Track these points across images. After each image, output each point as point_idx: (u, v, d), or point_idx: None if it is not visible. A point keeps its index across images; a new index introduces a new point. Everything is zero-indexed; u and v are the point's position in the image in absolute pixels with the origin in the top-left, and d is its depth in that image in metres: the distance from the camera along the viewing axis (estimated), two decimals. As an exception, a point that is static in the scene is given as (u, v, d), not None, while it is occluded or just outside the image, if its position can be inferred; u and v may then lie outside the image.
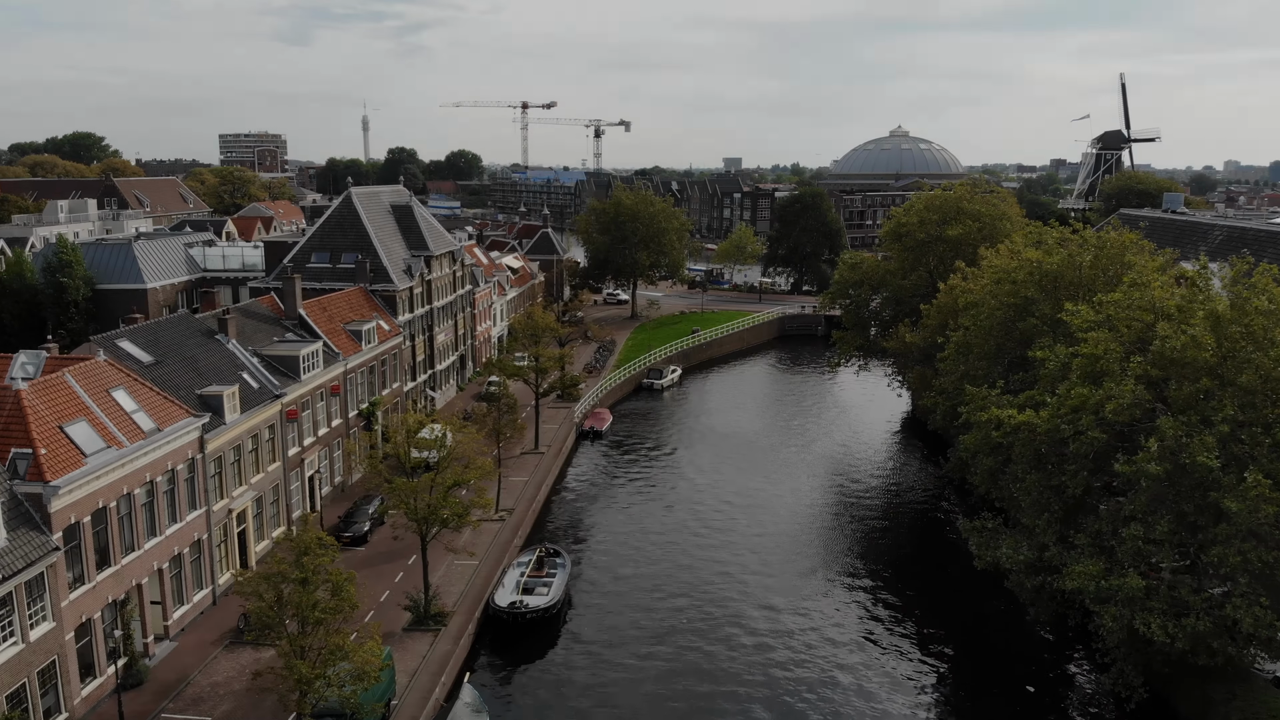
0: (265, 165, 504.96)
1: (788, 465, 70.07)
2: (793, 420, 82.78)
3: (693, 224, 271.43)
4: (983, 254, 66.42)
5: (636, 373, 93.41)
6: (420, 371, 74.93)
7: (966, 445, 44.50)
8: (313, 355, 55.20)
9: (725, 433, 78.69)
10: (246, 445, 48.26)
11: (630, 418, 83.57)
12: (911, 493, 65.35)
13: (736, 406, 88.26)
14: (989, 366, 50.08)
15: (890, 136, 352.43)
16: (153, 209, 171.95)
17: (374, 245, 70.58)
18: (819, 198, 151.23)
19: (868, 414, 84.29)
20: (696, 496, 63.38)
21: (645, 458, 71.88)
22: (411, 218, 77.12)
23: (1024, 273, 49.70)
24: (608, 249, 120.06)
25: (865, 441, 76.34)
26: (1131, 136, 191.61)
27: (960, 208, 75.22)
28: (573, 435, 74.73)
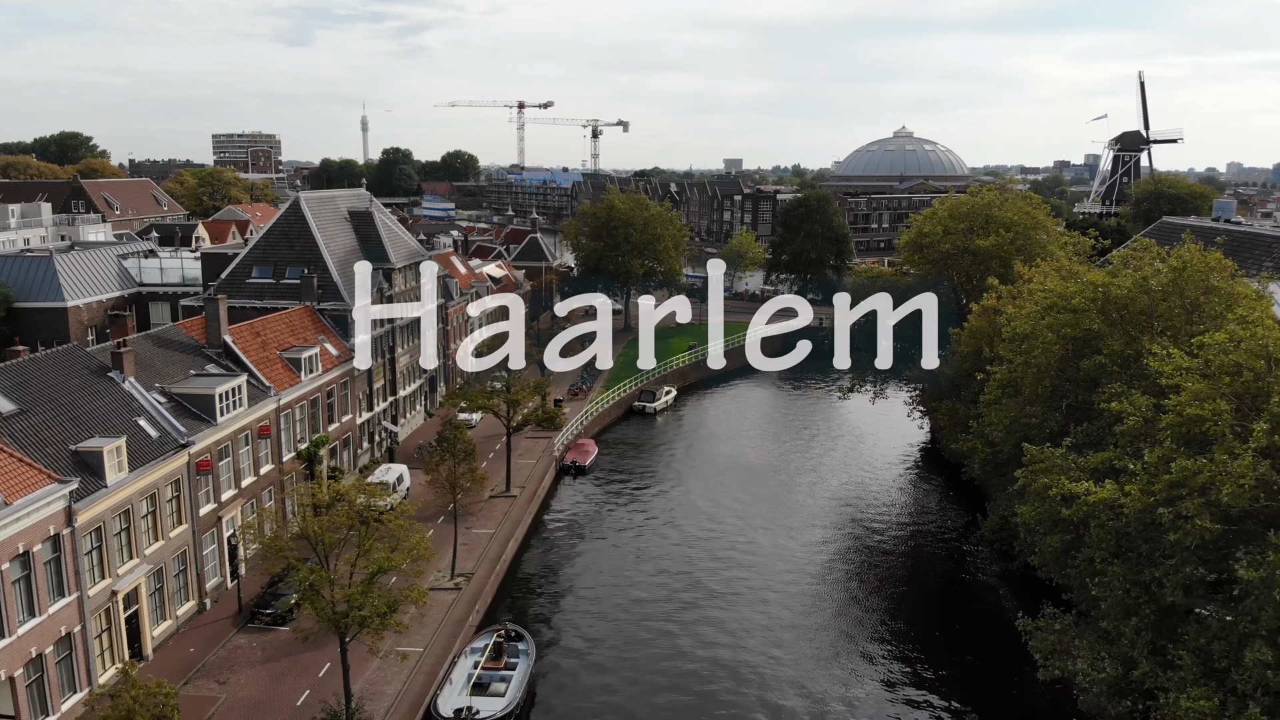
0: (259, 166, 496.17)
1: (796, 510, 61.30)
2: (800, 452, 74.03)
3: (691, 228, 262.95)
4: (1019, 270, 57.78)
5: (627, 395, 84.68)
6: (378, 400, 66.18)
7: (1025, 519, 35.72)
8: (233, 392, 46.48)
9: (725, 466, 69.97)
10: (139, 509, 39.53)
11: (619, 447, 74.83)
12: (940, 547, 56.59)
13: (737, 434, 79.54)
14: (1044, 413, 41.33)
15: (894, 137, 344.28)
16: (123, 212, 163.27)
17: (323, 257, 61.90)
18: (824, 201, 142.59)
19: (884, 445, 75.48)
20: (693, 550, 54.63)
21: (634, 499, 63.11)
22: (371, 225, 68.43)
23: (1084, 298, 40.92)
24: (599, 256, 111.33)
25: (883, 480, 67.53)
26: (1151, 137, 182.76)
27: (990, 215, 66.48)
28: (552, 471, 65.97)
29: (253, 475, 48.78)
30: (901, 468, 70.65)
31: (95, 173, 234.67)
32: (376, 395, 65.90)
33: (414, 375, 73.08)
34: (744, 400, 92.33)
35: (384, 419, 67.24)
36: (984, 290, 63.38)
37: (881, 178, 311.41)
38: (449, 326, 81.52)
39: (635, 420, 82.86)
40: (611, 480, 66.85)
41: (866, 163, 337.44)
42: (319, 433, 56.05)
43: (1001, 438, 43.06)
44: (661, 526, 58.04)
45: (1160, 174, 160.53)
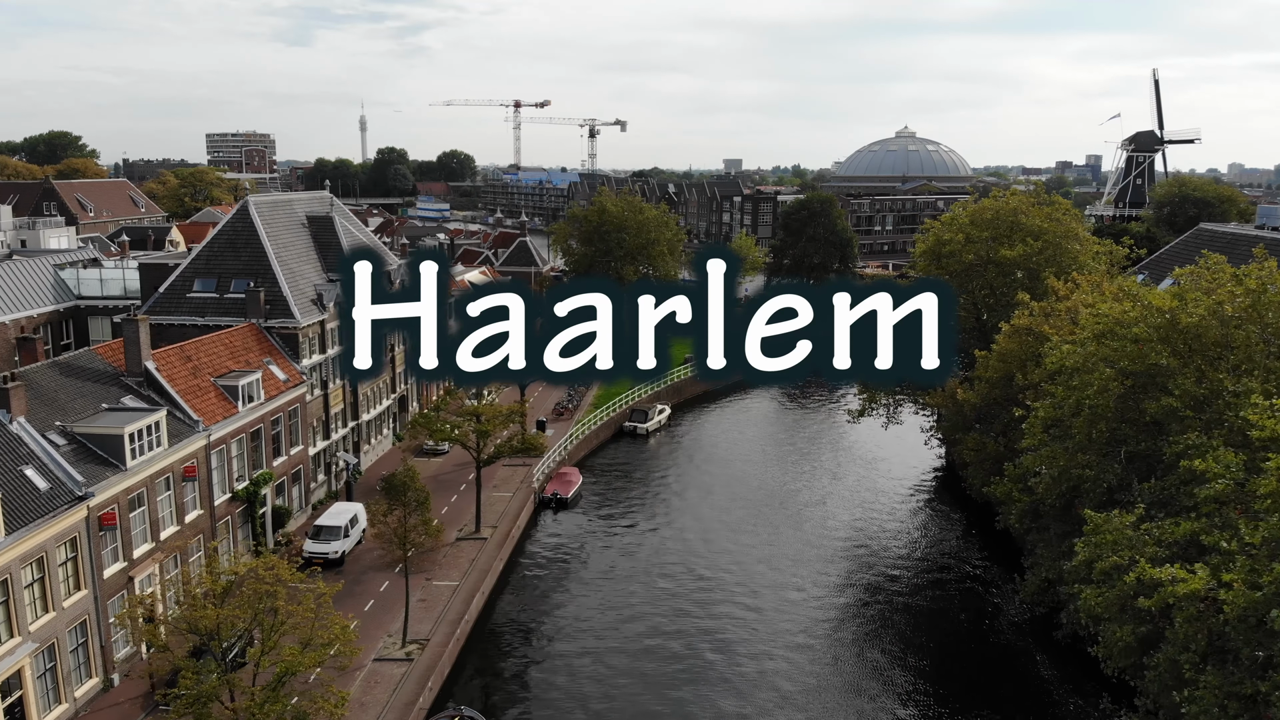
0: (253, 166, 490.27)
1: (803, 554, 54.71)
2: (806, 481, 67.42)
3: (688, 230, 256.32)
4: (1053, 285, 51.35)
5: (617, 414, 78.14)
6: (337, 426, 59.63)
7: (1088, 605, 29.15)
8: (149, 430, 39.94)
9: (723, 498, 63.43)
10: (20, 577, 33.02)
11: (606, 475, 68.30)
12: (968, 603, 50.04)
13: (737, 458, 73.01)
14: (1099, 462, 34.84)
15: (896, 137, 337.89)
16: (97, 214, 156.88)
17: (273, 269, 55.37)
18: (828, 204, 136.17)
19: (897, 473, 68.87)
20: (686, 603, 48.12)
21: (621, 539, 56.57)
22: (331, 231, 61.92)
23: (1147, 326, 34.43)
24: (589, 262, 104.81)
25: (899, 517, 60.90)
26: (1166, 138, 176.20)
27: (1017, 222, 59.95)
28: (530, 505, 59.40)
29: (175, 525, 42.24)
30: (918, 502, 64.07)
31: (77, 173, 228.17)
32: (335, 421, 59.37)
33: (381, 396, 66.55)
34: (744, 418, 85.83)
35: (343, 448, 60.71)
36: (1010, 306, 57.03)
37: (884, 178, 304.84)
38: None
39: (626, 443, 76.31)
40: (597, 515, 60.30)
41: (868, 163, 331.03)
42: (262, 469, 49.53)
43: (1046, 489, 36.53)
44: (651, 575, 51.47)
45: (1183, 176, 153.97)
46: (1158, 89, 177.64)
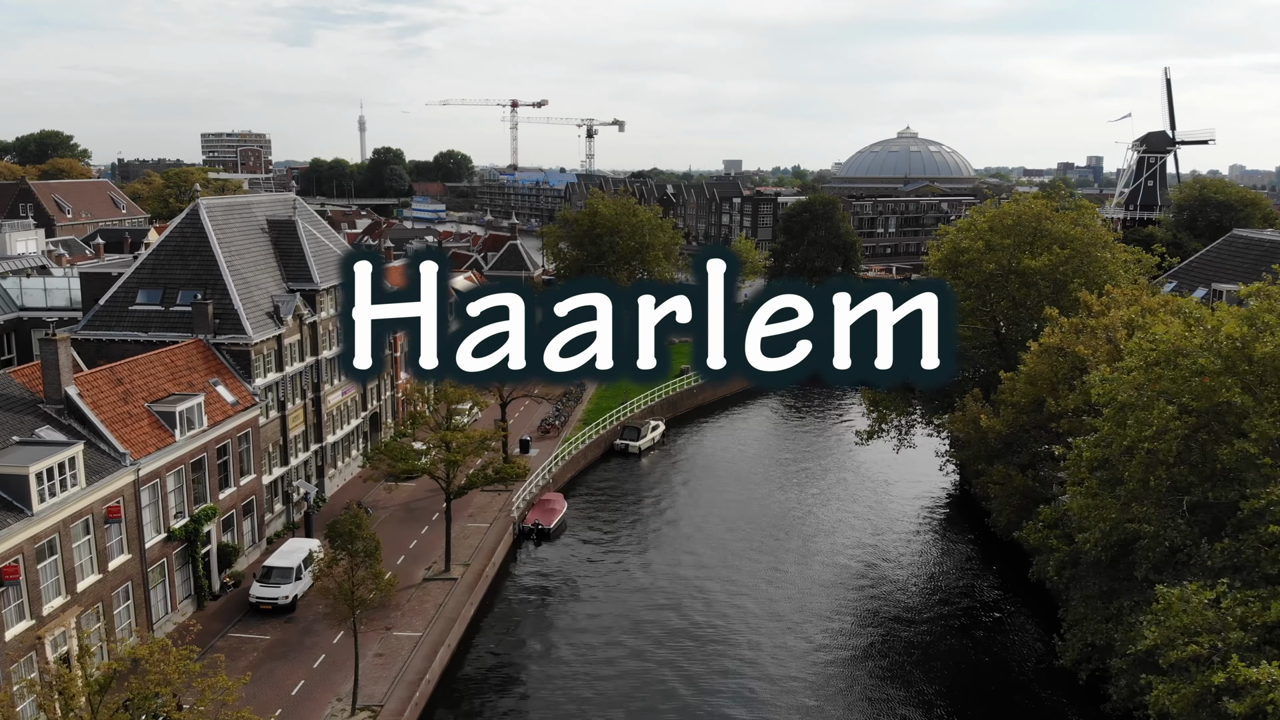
0: (249, 166, 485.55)
1: (809, 596, 49.56)
2: (812, 507, 62.23)
3: (686, 232, 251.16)
4: (1085, 299, 46.33)
5: (607, 432, 73.05)
6: (297, 451, 54.60)
7: (1160, 701, 24.05)
8: (62, 468, 34.88)
9: (721, 526, 58.37)
10: (-113, 649, 27.97)
11: (594, 500, 63.23)
12: (1000, 661, 45.01)
13: (736, 479, 67.92)
14: (1159, 516, 29.79)
15: (898, 138, 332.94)
16: (76, 215, 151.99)
17: (224, 279, 50.30)
18: (830, 206, 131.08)
19: (911, 496, 63.69)
20: (680, 655, 43.04)
21: (608, 577, 51.48)
22: (294, 237, 56.86)
23: (1214, 355, 29.37)
24: (581, 267, 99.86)
25: (916, 550, 55.71)
26: (1178, 138, 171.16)
27: (1041, 228, 54.90)
28: (509, 537, 54.32)
29: (96, 574, 37.16)
30: (934, 533, 58.91)
31: (62, 173, 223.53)
32: (295, 445, 54.32)
33: (349, 414, 61.50)
34: (743, 434, 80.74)
35: (305, 473, 55.67)
36: (1034, 321, 52.04)
37: (885, 179, 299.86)
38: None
39: (616, 463, 71.20)
40: (582, 548, 55.22)
41: (870, 164, 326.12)
42: (206, 503, 44.47)
43: (1094, 542, 31.44)
44: (640, 621, 46.34)
45: (1204, 178, 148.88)
46: (1169, 88, 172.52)
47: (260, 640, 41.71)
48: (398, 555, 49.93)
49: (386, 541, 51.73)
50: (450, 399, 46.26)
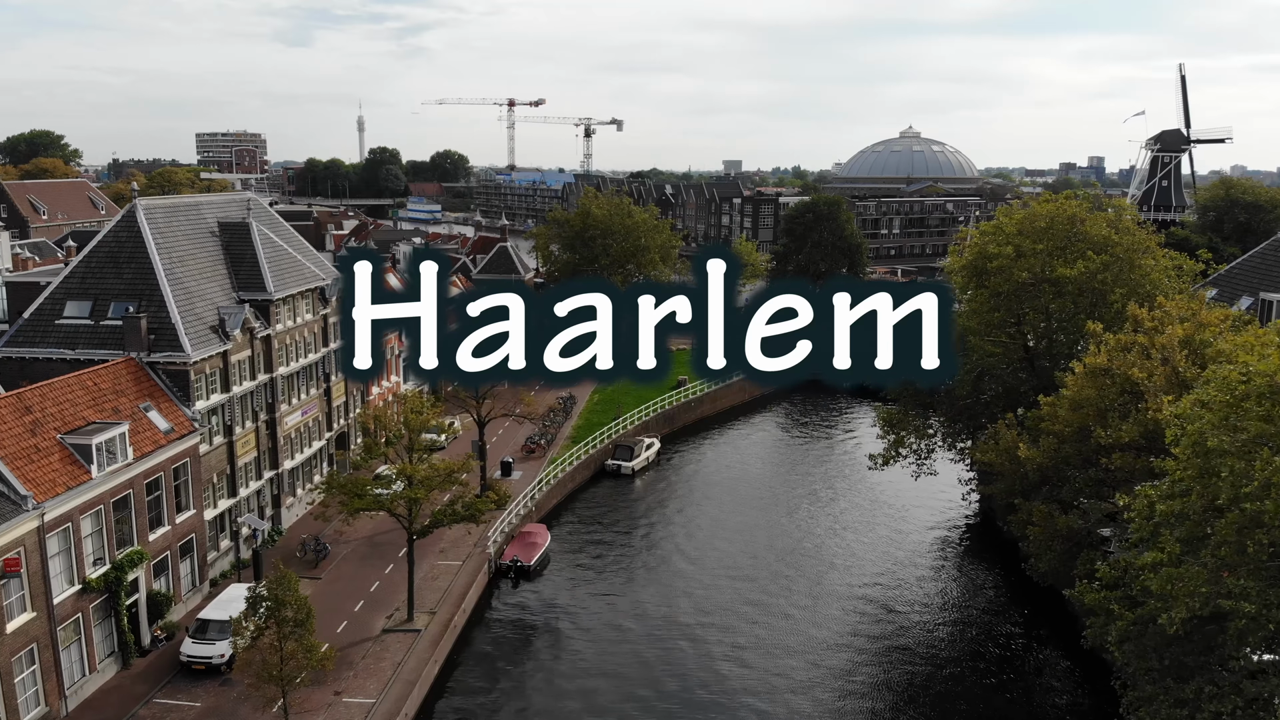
0: (244, 166, 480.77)
1: (820, 642, 43.94)
2: (823, 539, 56.52)
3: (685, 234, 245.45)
4: (1134, 313, 40.76)
5: (597, 451, 67.39)
6: (248, 480, 49.00)
7: None
8: (-65, 519, 29.29)
9: (721, 557, 52.80)
10: None
11: (581, 530, 57.62)
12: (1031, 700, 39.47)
13: (737, 504, 62.29)
14: (1261, 591, 24.16)
15: (901, 138, 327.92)
16: (51, 217, 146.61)
17: (161, 289, 44.72)
18: (835, 207, 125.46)
19: (931, 524, 58.14)
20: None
21: (594, 623, 45.82)
22: (247, 242, 51.30)
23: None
24: (572, 270, 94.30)
25: (938, 591, 50.04)
26: (1193, 137, 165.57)
27: (1077, 232, 49.31)
28: (484, 577, 48.73)
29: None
30: (960, 572, 53.18)
31: (45, 173, 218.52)
32: (245, 473, 48.73)
33: (310, 437, 55.89)
34: (744, 452, 75.09)
35: (258, 503, 50.07)
36: (1071, 336, 46.47)
37: (888, 179, 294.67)
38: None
39: (607, 486, 65.55)
40: (565, 588, 49.57)
41: (872, 164, 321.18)
42: (132, 547, 38.87)
43: (1179, 623, 25.80)
44: (630, 682, 40.69)
45: (1230, 178, 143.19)
46: (1184, 85, 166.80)
47: (189, 708, 36.11)
48: (355, 600, 44.38)
49: (345, 582, 46.36)
50: (413, 425, 40.57)
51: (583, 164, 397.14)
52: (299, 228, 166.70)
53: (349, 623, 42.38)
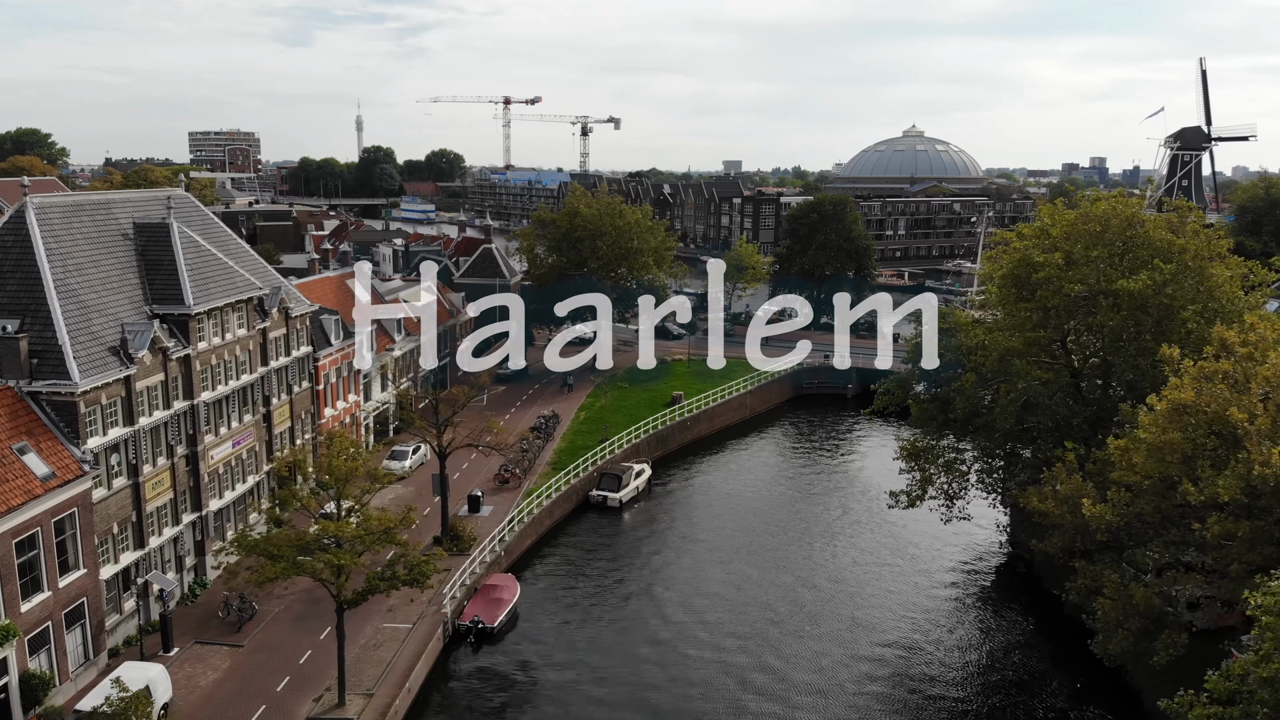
0: (236, 165, 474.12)
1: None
2: (837, 590, 48.94)
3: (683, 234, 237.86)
4: (1221, 336, 33.50)
5: (580, 480, 59.97)
6: (160, 527, 41.57)
7: None
8: None
9: (723, 613, 45.39)
10: None
11: (557, 579, 50.16)
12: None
13: (738, 541, 54.84)
14: None
15: (904, 137, 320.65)
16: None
17: (49, 305, 37.37)
18: (841, 207, 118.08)
19: (958, 567, 50.76)
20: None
21: (569, 701, 38.46)
22: (166, 245, 43.91)
23: None
24: (557, 275, 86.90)
25: (984, 666, 42.60)
26: (1215, 134, 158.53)
27: (1135, 235, 41.96)
28: (437, 644, 41.29)
29: None
30: (1007, 637, 45.51)
31: (22, 171, 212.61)
32: (155, 520, 41.31)
33: (246, 470, 48.45)
34: (745, 478, 67.59)
35: (173, 554, 42.62)
36: (1134, 361, 39.13)
37: (890, 179, 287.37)
38: (322, 385, 56.88)
39: (591, 520, 58.15)
40: (535, 655, 42.08)
41: (874, 163, 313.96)
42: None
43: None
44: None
45: (1271, 176, 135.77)
46: (1205, 81, 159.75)
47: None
48: (279, 676, 37.00)
49: (270, 651, 38.97)
50: (340, 472, 33.14)
51: (581, 164, 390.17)
52: (278, 228, 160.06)
53: (267, 707, 35.01)
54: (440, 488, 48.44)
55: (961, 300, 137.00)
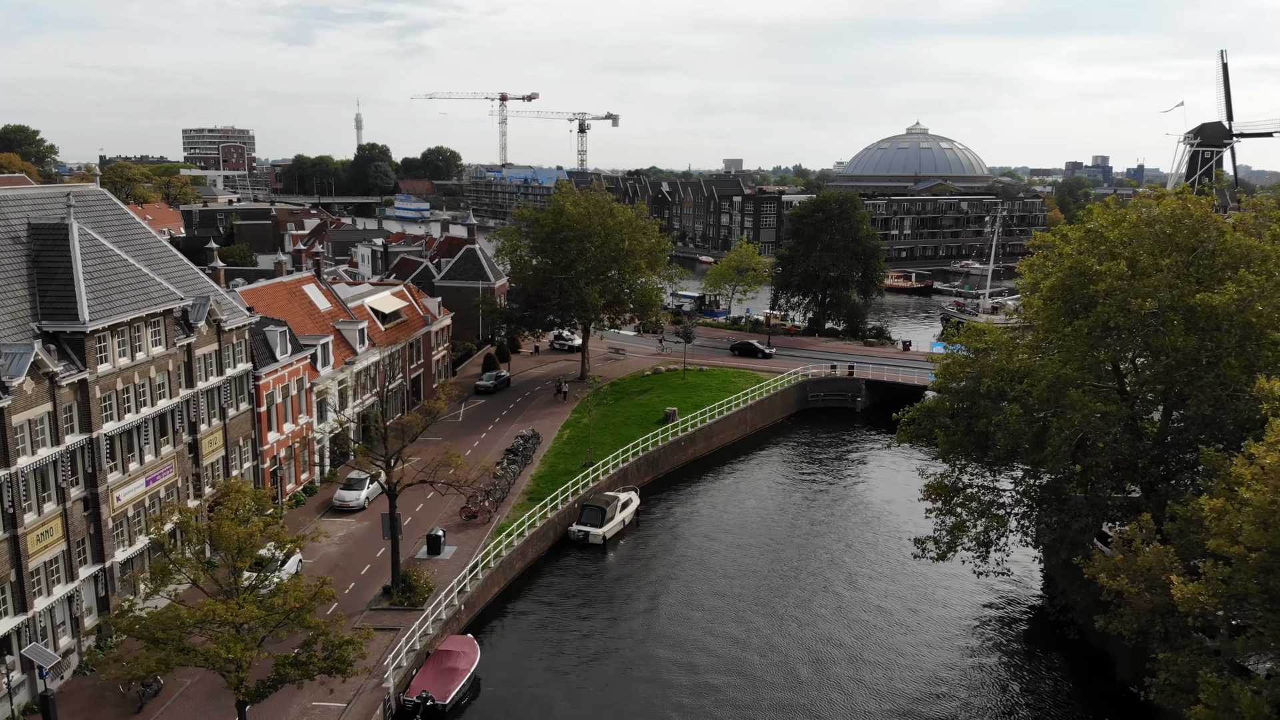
0: (231, 163, 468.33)
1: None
2: (858, 644, 42.44)
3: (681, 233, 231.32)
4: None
5: (559, 514, 53.26)
6: (49, 586, 34.85)
7: None
8: None
9: (724, 681, 38.72)
10: None
11: (524, 638, 43.37)
12: None
13: (740, 586, 48.16)
14: None
15: (908, 134, 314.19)
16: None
17: (-106, 322, 30.65)
18: (848, 206, 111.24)
19: (985, 597, 44.14)
20: None
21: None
22: (63, 250, 37.24)
23: None
24: (542, 278, 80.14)
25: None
26: (1236, 131, 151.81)
27: (1208, 240, 35.22)
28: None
29: None
30: (1041, 704, 39.13)
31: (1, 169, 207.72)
32: (41, 578, 34.58)
33: (163, 512, 41.68)
34: (747, 506, 60.72)
35: (66, 616, 35.93)
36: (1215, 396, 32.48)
37: (894, 178, 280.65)
38: (262, 408, 50.18)
39: (570, 560, 51.42)
40: (496, 732, 35.51)
41: (877, 161, 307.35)
42: None
43: None
44: None
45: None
46: (1226, 75, 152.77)
47: None
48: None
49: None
50: (233, 542, 26.40)
51: (580, 162, 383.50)
52: (256, 227, 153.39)
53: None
54: (390, 530, 41.70)
55: (974, 304, 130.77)
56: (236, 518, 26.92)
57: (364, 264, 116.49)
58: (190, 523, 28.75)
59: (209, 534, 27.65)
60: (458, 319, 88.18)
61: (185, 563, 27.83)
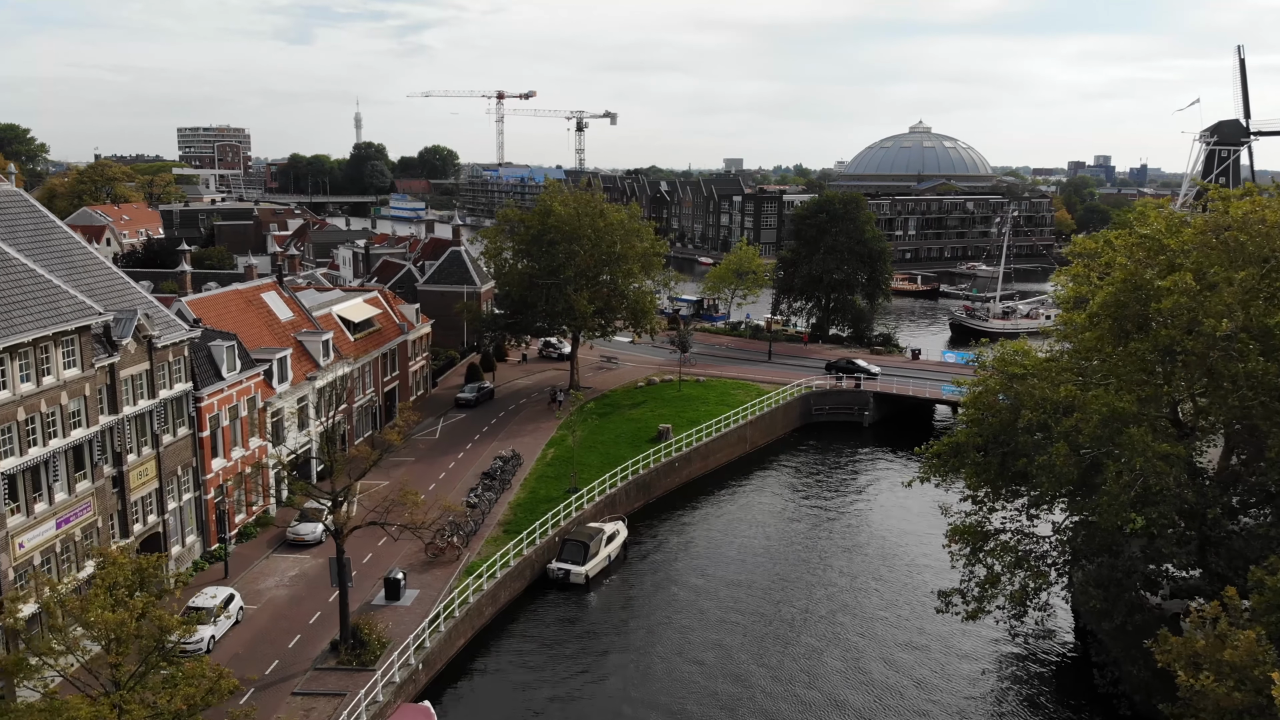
0: (226, 162, 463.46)
1: None
2: (880, 700, 37.25)
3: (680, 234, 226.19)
4: None
5: (536, 550, 47.98)
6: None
7: None
8: None
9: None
10: None
11: (494, 694, 38.26)
12: None
13: (739, 636, 42.90)
14: None
15: (910, 133, 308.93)
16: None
17: None
18: (853, 205, 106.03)
19: (1032, 674, 38.91)
20: None
21: None
22: (-48, 260, 31.97)
23: None
24: (527, 283, 74.86)
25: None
26: (1254, 128, 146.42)
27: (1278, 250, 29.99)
28: (316, 810, 29.38)
29: None
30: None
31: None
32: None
33: (79, 557, 36.51)
34: (746, 536, 55.40)
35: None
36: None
37: (896, 177, 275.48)
38: (205, 432, 44.94)
39: (549, 603, 46.15)
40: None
41: (879, 161, 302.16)
42: None
43: None
44: None
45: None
46: (1243, 71, 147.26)
47: None
48: None
49: None
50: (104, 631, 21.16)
51: (578, 161, 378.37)
52: (238, 227, 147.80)
53: None
54: (338, 577, 36.47)
55: (985, 308, 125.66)
56: (112, 597, 21.74)
57: (345, 266, 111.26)
58: (51, 606, 23.51)
59: (76, 618, 22.42)
60: (441, 326, 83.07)
61: (51, 653, 22.63)
